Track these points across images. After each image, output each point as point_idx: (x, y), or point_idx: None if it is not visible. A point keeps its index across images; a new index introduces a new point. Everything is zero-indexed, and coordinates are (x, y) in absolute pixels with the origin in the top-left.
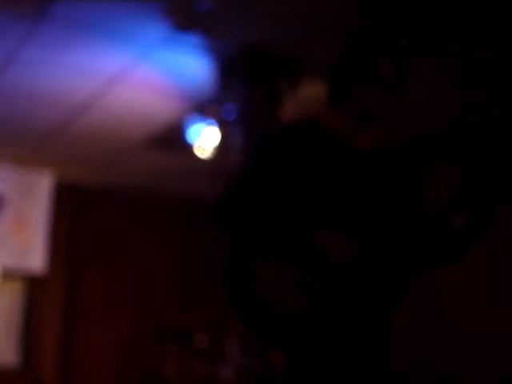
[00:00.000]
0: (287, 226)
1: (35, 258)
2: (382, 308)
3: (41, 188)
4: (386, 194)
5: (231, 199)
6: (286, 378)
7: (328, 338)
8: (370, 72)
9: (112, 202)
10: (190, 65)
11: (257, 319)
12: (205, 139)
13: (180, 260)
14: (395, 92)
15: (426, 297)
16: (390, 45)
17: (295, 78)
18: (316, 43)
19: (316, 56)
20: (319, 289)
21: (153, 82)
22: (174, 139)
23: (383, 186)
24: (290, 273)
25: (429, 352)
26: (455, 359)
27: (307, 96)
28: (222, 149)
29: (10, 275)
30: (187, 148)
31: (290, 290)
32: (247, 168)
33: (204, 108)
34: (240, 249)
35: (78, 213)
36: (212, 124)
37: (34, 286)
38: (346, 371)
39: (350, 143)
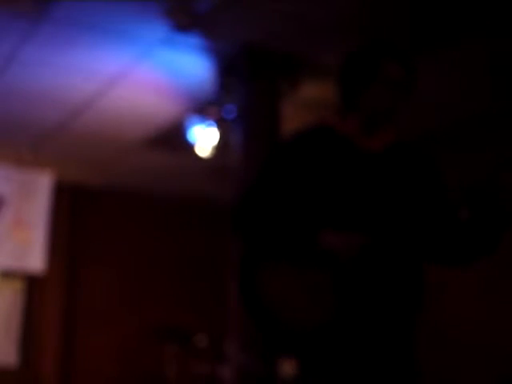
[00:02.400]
0: (296, 229)
1: (35, 257)
2: (391, 304)
3: (41, 188)
4: (402, 191)
5: (245, 205)
6: (298, 380)
7: (337, 339)
8: (374, 73)
9: (112, 202)
10: (189, 65)
11: (267, 324)
12: (205, 139)
13: (180, 260)
14: (402, 91)
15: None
16: (394, 45)
17: (295, 78)
18: (316, 43)
19: (316, 56)
20: (327, 290)
21: (153, 82)
22: (173, 139)
23: (400, 182)
24: (299, 275)
25: (429, 352)
26: (455, 358)
27: (307, 96)
28: (221, 149)
29: (9, 275)
30: (187, 148)
31: (298, 293)
32: (261, 174)
33: (204, 108)
34: (251, 254)
35: (78, 213)
36: (212, 124)
37: (33, 285)
38: (356, 372)
39: (364, 146)
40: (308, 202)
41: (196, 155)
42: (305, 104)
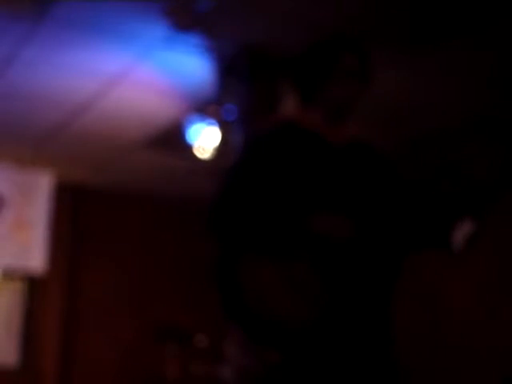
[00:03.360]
0: (280, 217)
1: (35, 258)
2: (377, 294)
3: (41, 188)
4: (366, 185)
5: (224, 202)
6: (282, 376)
7: (323, 334)
8: (331, 64)
9: (112, 202)
10: (189, 65)
11: (248, 318)
12: (205, 139)
13: (180, 260)
14: (360, 81)
15: (426, 297)
16: (347, 37)
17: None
18: None
19: None
20: (312, 283)
21: (153, 82)
22: (174, 139)
23: (363, 177)
24: (282, 268)
25: (429, 352)
26: (455, 359)
27: None
28: (221, 149)
29: (10, 275)
30: (187, 148)
31: (281, 286)
32: (237, 172)
33: (204, 108)
34: (229, 248)
35: (78, 213)
36: (212, 124)
37: (33, 286)
38: (343, 367)
39: (328, 139)
40: (284, 193)
41: (196, 155)
42: None
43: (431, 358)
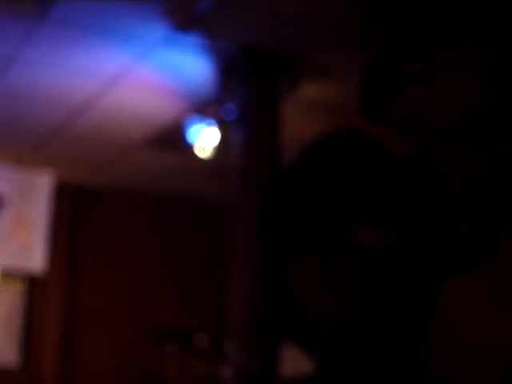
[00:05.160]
0: (326, 222)
1: (35, 258)
2: (415, 307)
3: (41, 188)
4: (419, 199)
5: (276, 202)
6: (319, 381)
7: (362, 339)
8: (401, 76)
9: (112, 201)
10: (189, 65)
11: (292, 321)
12: (205, 139)
13: (180, 260)
14: (428, 85)
15: None
16: (410, 48)
17: (295, 78)
18: (316, 43)
19: (316, 56)
20: (354, 287)
21: (153, 82)
22: (173, 139)
23: (418, 191)
24: (326, 271)
25: (432, 354)
26: (458, 361)
27: (307, 96)
28: (221, 149)
29: (10, 275)
30: (187, 148)
31: (324, 290)
32: (291, 173)
33: (204, 108)
34: (278, 249)
35: (78, 213)
36: (212, 124)
37: (33, 286)
38: (379, 372)
39: (390, 150)
40: (334, 197)
41: (196, 155)
42: (305, 104)
43: (434, 360)
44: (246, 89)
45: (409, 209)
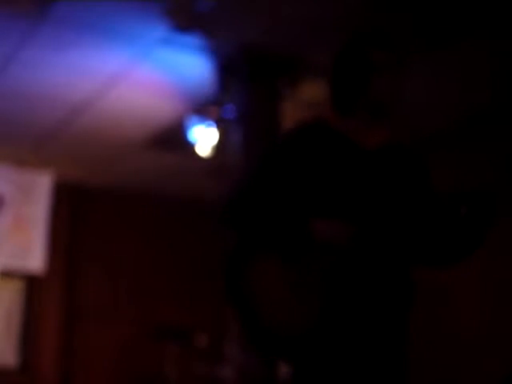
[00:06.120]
0: (288, 218)
1: (35, 257)
2: (382, 302)
3: (40, 188)
4: (393, 189)
5: (240, 197)
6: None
7: (325, 341)
8: (369, 65)
9: (112, 201)
10: (189, 65)
11: (255, 329)
12: (204, 139)
13: (180, 259)
14: (398, 76)
15: (426, 297)
16: (376, 33)
17: (295, 78)
18: (316, 43)
19: (316, 56)
20: (316, 287)
21: (152, 81)
22: (174, 139)
23: (391, 181)
24: (287, 271)
25: (429, 352)
26: (456, 359)
27: (307, 96)
28: (221, 149)
29: (9, 275)
30: (187, 148)
31: (286, 291)
32: (257, 169)
33: (203, 108)
34: (240, 246)
35: (78, 213)
36: (212, 124)
37: (33, 285)
38: (353, 371)
39: (358, 142)
40: (302, 195)
41: (196, 155)
42: (305, 104)
43: (432, 358)
44: (245, 89)
45: (373, 199)
